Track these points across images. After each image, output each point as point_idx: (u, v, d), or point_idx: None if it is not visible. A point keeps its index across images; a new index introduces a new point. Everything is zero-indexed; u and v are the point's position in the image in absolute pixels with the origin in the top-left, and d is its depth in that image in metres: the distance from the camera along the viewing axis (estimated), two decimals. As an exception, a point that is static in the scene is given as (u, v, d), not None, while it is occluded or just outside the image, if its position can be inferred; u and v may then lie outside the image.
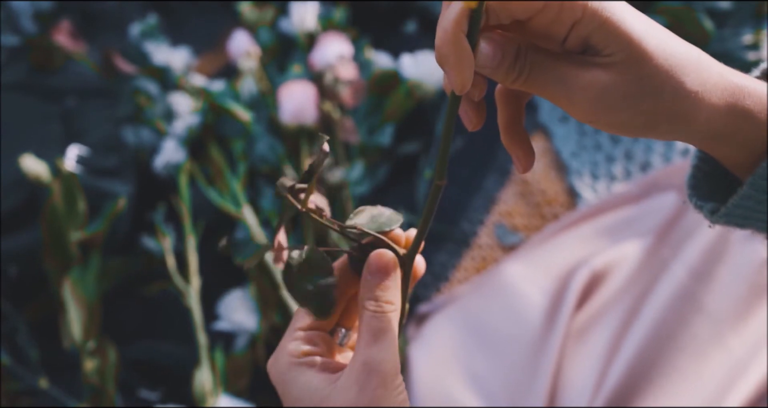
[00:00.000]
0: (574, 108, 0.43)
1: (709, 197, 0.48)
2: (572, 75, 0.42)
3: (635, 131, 0.44)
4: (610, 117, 0.43)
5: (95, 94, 1.29)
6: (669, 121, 0.43)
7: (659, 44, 0.42)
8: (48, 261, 1.07)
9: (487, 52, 0.43)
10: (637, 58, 0.41)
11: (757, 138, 0.44)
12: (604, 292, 0.94)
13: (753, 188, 0.44)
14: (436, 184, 0.45)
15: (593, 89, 0.42)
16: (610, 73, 0.42)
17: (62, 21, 1.36)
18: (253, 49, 1.24)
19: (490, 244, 1.10)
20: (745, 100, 0.43)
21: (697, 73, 0.43)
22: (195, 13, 1.43)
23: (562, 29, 0.42)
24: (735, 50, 1.18)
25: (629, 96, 0.42)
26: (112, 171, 1.20)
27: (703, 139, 0.45)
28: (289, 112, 1.13)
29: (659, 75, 0.42)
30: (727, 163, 0.47)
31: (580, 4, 0.41)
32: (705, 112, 0.43)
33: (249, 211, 1.09)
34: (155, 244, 1.12)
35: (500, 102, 0.48)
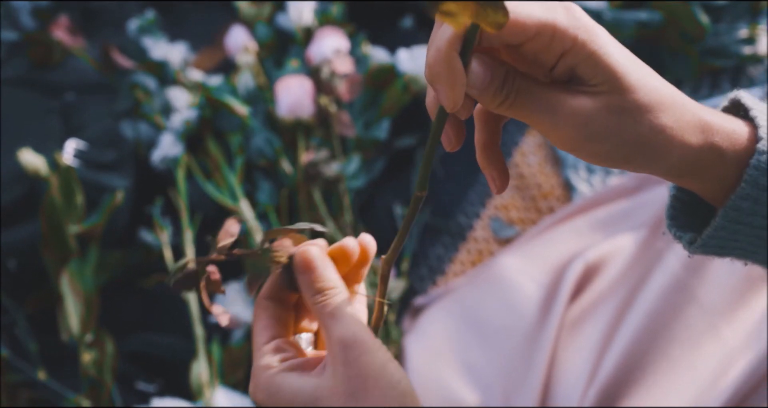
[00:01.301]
0: (557, 135, 0.44)
1: (688, 227, 0.50)
2: (558, 102, 0.43)
3: (614, 162, 0.45)
4: (592, 147, 0.44)
5: (94, 89, 1.29)
6: (645, 154, 0.44)
7: (641, 79, 0.44)
8: (47, 254, 1.08)
9: (477, 73, 0.43)
10: (621, 89, 0.43)
11: (726, 172, 0.46)
12: (599, 284, 0.94)
13: (725, 219, 0.46)
14: (416, 195, 0.46)
15: (578, 116, 0.43)
16: (595, 102, 0.43)
17: (61, 17, 1.36)
18: (250, 44, 1.25)
19: (486, 237, 1.11)
20: (714, 137, 0.45)
21: (673, 110, 0.44)
22: (193, 9, 1.44)
23: (551, 57, 0.43)
24: (731, 44, 1.18)
25: (611, 126, 0.43)
26: (110, 165, 1.20)
27: (675, 174, 0.46)
28: (286, 107, 1.13)
29: (640, 108, 0.43)
30: (702, 195, 0.48)
31: (571, 35, 0.42)
32: (678, 147, 0.44)
33: (246, 204, 1.10)
34: (153, 237, 1.13)
35: (479, 122, 0.49)
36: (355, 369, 0.45)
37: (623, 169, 0.47)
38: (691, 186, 0.47)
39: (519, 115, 0.45)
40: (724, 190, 0.46)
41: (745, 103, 0.47)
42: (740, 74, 1.20)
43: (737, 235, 0.46)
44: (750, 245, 0.47)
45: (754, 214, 0.45)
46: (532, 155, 1.16)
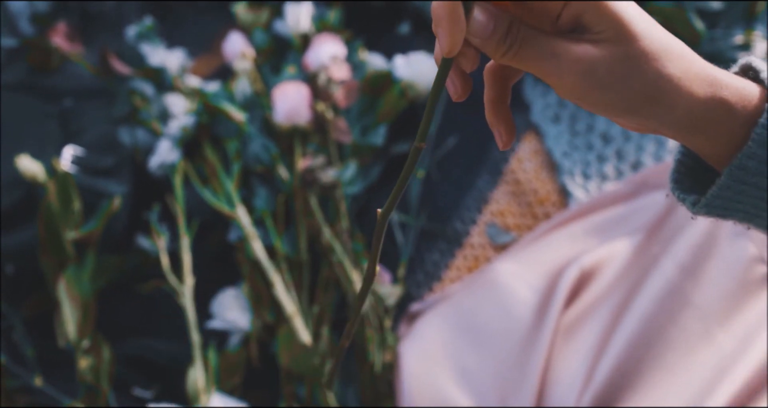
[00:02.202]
0: (562, 83, 0.44)
1: (692, 190, 0.49)
2: (563, 49, 0.44)
3: (620, 113, 0.45)
4: (597, 95, 0.44)
5: (92, 95, 1.30)
6: (651, 104, 0.44)
7: (646, 28, 0.44)
8: (44, 259, 1.08)
9: (480, 21, 0.44)
10: (626, 37, 0.43)
11: (734, 129, 0.45)
12: (594, 290, 0.94)
13: (731, 178, 0.45)
14: (415, 147, 0.45)
15: (582, 63, 0.43)
16: (600, 49, 0.43)
17: (59, 23, 1.37)
18: (247, 51, 1.25)
19: (482, 243, 1.11)
20: (723, 92, 0.45)
21: (680, 61, 0.44)
22: (191, 15, 1.44)
23: (555, 5, 0.44)
24: (726, 50, 1.19)
25: (617, 74, 0.43)
26: (108, 171, 1.21)
27: (682, 129, 0.46)
28: (282, 113, 1.14)
29: (645, 56, 0.43)
30: (705, 155, 0.47)
31: None
32: (686, 98, 0.44)
33: (243, 210, 1.10)
34: (150, 243, 1.13)
35: (488, 80, 0.49)
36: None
37: (630, 122, 0.46)
38: (698, 143, 0.47)
39: (523, 65, 0.45)
40: (731, 148, 0.46)
41: (755, 66, 0.47)
42: (736, 80, 1.20)
43: (742, 196, 0.46)
44: (753, 208, 0.47)
45: (760, 174, 0.45)
46: (528, 161, 1.16)
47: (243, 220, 1.09)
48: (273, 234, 1.08)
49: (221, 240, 1.15)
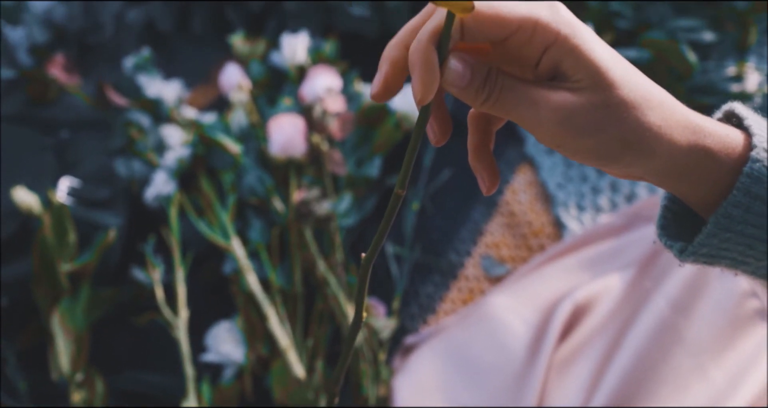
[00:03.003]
0: (541, 131, 0.44)
1: (678, 237, 0.49)
2: (541, 97, 0.43)
3: (599, 160, 0.45)
4: (576, 142, 0.44)
5: (89, 126, 1.31)
6: (631, 152, 0.44)
7: (625, 76, 0.44)
8: (38, 292, 1.08)
9: (456, 70, 0.43)
10: (604, 85, 0.43)
11: (718, 177, 0.45)
12: (587, 325, 0.94)
13: (716, 226, 0.45)
14: (395, 193, 0.45)
15: (561, 111, 0.43)
16: (578, 97, 0.43)
17: (57, 54, 1.38)
18: (244, 82, 1.26)
19: (477, 275, 1.11)
20: (706, 140, 0.45)
21: (661, 109, 0.44)
22: (188, 46, 1.45)
23: (534, 53, 0.44)
24: (718, 82, 1.19)
25: (595, 121, 0.43)
26: (103, 202, 1.21)
27: (664, 176, 0.46)
28: (278, 145, 1.14)
29: (624, 104, 0.43)
30: (690, 202, 0.47)
31: (553, 30, 0.42)
32: (667, 147, 0.44)
33: (237, 242, 1.10)
34: (145, 275, 1.13)
35: (471, 125, 0.49)
36: None
37: (612, 169, 0.46)
38: (682, 190, 0.46)
39: (503, 113, 0.45)
40: (716, 196, 0.46)
41: (739, 113, 0.47)
42: (729, 112, 1.21)
43: (728, 244, 0.46)
44: (740, 254, 0.46)
45: (745, 222, 0.45)
46: (523, 193, 1.16)
47: (238, 253, 1.09)
48: (268, 266, 1.09)
49: (216, 272, 1.15)
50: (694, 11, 1.27)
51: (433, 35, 0.42)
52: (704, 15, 1.26)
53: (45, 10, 1.44)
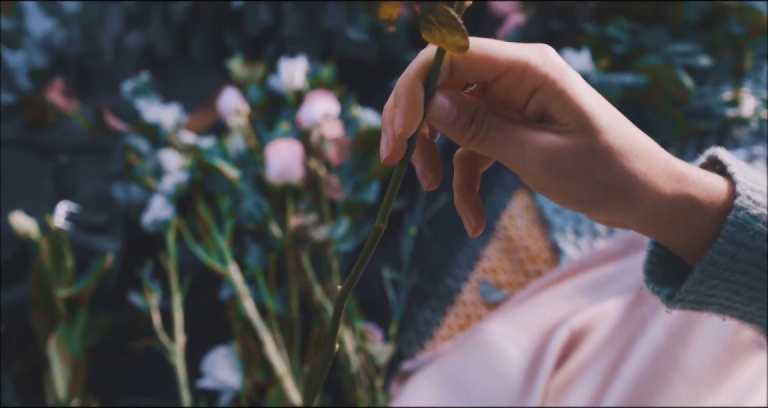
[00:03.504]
0: (526, 172, 0.44)
1: (665, 282, 0.49)
2: (528, 137, 0.44)
3: (583, 204, 0.45)
4: (560, 185, 0.44)
5: (87, 151, 1.31)
6: (616, 198, 0.44)
7: (612, 122, 0.44)
8: (35, 317, 1.08)
9: (444, 106, 0.44)
10: (591, 130, 0.43)
11: (702, 225, 0.45)
12: (584, 352, 0.94)
13: (703, 274, 0.45)
14: (375, 227, 0.45)
15: (547, 153, 0.43)
16: (564, 140, 0.43)
17: (56, 79, 1.38)
18: (242, 107, 1.27)
19: (474, 301, 1.11)
20: (690, 188, 0.45)
21: (646, 156, 0.44)
22: (187, 71, 1.46)
23: (523, 95, 0.44)
24: (715, 107, 1.20)
25: (581, 165, 0.43)
26: (101, 227, 1.21)
27: (648, 224, 0.46)
28: (275, 170, 1.14)
29: (610, 150, 0.43)
30: (675, 249, 0.48)
31: (542, 73, 0.43)
32: (651, 194, 0.44)
33: (235, 268, 1.10)
34: (142, 300, 1.13)
35: (457, 166, 0.49)
36: None
37: (595, 215, 0.46)
38: (666, 238, 0.46)
39: (489, 152, 0.45)
40: (701, 243, 0.46)
41: (722, 160, 0.47)
42: (725, 136, 1.21)
43: (715, 290, 0.46)
44: (727, 300, 0.46)
45: (731, 269, 0.45)
46: (520, 218, 1.16)
47: (235, 278, 1.09)
48: (265, 292, 1.08)
49: (213, 298, 1.15)
50: (690, 36, 1.27)
51: (421, 70, 0.43)
52: (700, 40, 1.27)
53: (45, 34, 1.45)
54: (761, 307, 0.46)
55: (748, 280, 0.45)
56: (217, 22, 1.46)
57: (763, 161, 1.17)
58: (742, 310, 0.47)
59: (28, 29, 1.45)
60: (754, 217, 0.44)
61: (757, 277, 0.45)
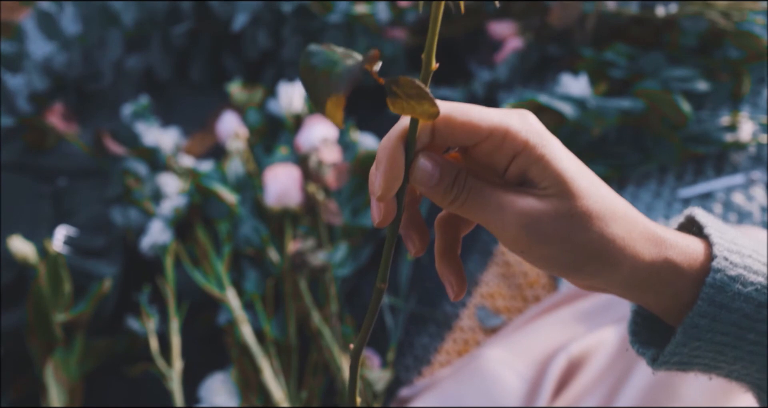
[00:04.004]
0: (506, 235, 0.45)
1: (650, 343, 0.49)
2: (507, 201, 0.44)
3: (562, 269, 0.45)
4: (539, 249, 0.44)
5: (86, 174, 1.31)
6: (595, 262, 0.44)
7: (590, 186, 0.44)
8: (32, 342, 1.08)
9: (425, 169, 0.44)
10: (570, 195, 0.44)
11: (681, 288, 0.46)
12: (582, 380, 0.94)
13: (685, 336, 0.45)
14: (377, 288, 0.46)
15: (526, 216, 0.44)
16: (544, 204, 0.44)
17: (56, 103, 1.39)
18: (241, 130, 1.27)
19: (472, 326, 1.11)
20: (668, 251, 0.45)
21: (625, 221, 0.45)
22: (186, 94, 1.46)
23: (503, 159, 0.44)
24: (713, 131, 1.20)
25: (560, 230, 0.44)
26: (99, 251, 1.21)
27: (628, 288, 0.46)
28: (273, 195, 1.15)
29: (588, 214, 0.44)
30: (655, 311, 0.48)
31: (522, 138, 0.43)
32: (630, 259, 0.45)
33: (232, 293, 1.10)
34: (139, 325, 1.13)
35: (438, 230, 0.49)
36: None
37: (575, 279, 0.46)
38: (647, 301, 0.47)
39: (470, 215, 0.45)
40: (681, 306, 0.46)
41: (699, 221, 0.48)
42: (723, 161, 1.21)
43: (698, 351, 0.46)
44: (712, 360, 0.47)
45: (713, 330, 0.45)
46: (518, 243, 1.16)
47: (232, 303, 1.09)
48: (262, 318, 1.08)
49: (210, 323, 1.15)
50: (687, 61, 1.28)
51: (402, 134, 0.43)
52: (698, 65, 1.28)
53: (45, 57, 1.45)
54: (746, 365, 0.47)
55: (731, 340, 0.45)
56: (217, 46, 1.47)
57: (762, 186, 1.17)
58: (728, 369, 0.47)
59: (28, 52, 1.46)
60: (732, 278, 0.45)
61: (740, 337, 0.45)
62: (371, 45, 1.35)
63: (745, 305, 0.45)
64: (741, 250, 0.46)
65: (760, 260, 0.46)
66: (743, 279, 0.45)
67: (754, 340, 0.46)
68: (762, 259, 0.46)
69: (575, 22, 1.32)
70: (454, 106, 0.44)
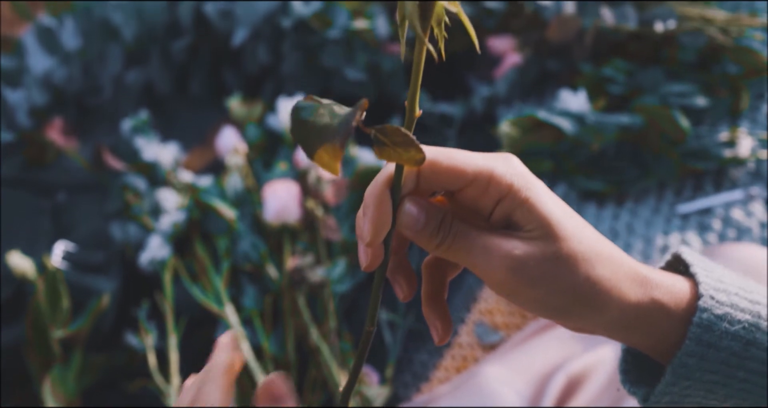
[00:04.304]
0: (492, 278, 0.45)
1: (640, 381, 0.50)
2: (493, 244, 0.44)
3: (550, 311, 0.45)
4: (526, 292, 0.44)
5: (85, 189, 1.31)
6: (581, 305, 0.45)
7: (575, 228, 0.45)
8: (30, 358, 1.08)
9: (411, 213, 0.44)
10: (555, 237, 0.44)
11: (669, 328, 0.46)
12: (581, 398, 0.94)
13: (675, 376, 0.46)
14: (366, 331, 0.46)
15: (512, 260, 0.44)
16: (529, 247, 0.44)
17: (56, 118, 1.39)
18: (240, 146, 1.27)
19: (471, 343, 1.11)
20: (654, 292, 0.46)
21: (609, 261, 0.45)
22: (186, 109, 1.47)
23: (488, 203, 0.45)
24: (711, 147, 1.20)
25: (545, 273, 0.44)
26: (98, 267, 1.21)
27: (615, 329, 0.46)
28: (272, 211, 1.15)
29: (574, 257, 0.44)
30: (644, 351, 0.48)
31: (507, 182, 0.44)
32: (617, 300, 0.45)
33: (231, 309, 1.10)
34: (138, 341, 1.12)
35: (425, 274, 0.50)
36: None
37: (562, 321, 0.46)
38: (635, 341, 0.47)
39: (456, 258, 0.46)
40: (669, 345, 0.46)
41: (685, 259, 0.48)
42: (722, 177, 1.21)
43: (689, 391, 0.46)
44: (703, 399, 0.47)
45: (702, 369, 0.45)
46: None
47: (231, 319, 1.09)
48: (261, 334, 1.08)
49: (209, 338, 1.14)
50: (686, 77, 1.28)
51: (388, 179, 0.44)
52: (696, 80, 1.28)
53: (45, 72, 1.46)
54: (738, 402, 0.47)
55: (721, 379, 0.46)
56: (216, 61, 1.47)
57: (761, 202, 1.17)
58: (720, 406, 0.47)
59: (28, 67, 1.46)
60: (718, 316, 0.45)
61: (729, 375, 0.45)
62: (371, 60, 1.36)
63: (733, 343, 0.45)
64: (727, 288, 0.46)
65: (747, 297, 0.46)
66: (730, 317, 0.45)
67: (744, 377, 0.46)
68: (749, 297, 0.47)
69: (574, 37, 1.33)
70: (439, 152, 0.44)
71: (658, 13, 1.33)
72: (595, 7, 1.34)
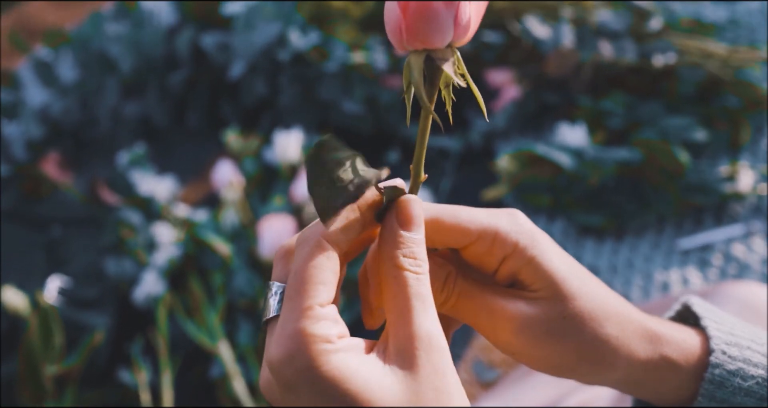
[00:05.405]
0: (497, 339, 0.44)
1: None
2: (498, 305, 0.43)
3: (558, 370, 0.44)
4: (532, 352, 0.43)
5: (80, 223, 1.30)
6: (590, 364, 0.44)
7: (582, 286, 0.43)
8: (23, 395, 1.06)
9: None
10: (561, 297, 0.43)
11: (679, 383, 0.45)
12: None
13: None
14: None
15: (517, 321, 0.43)
16: (535, 308, 0.43)
17: (52, 151, 1.39)
18: (236, 179, 1.26)
19: (468, 380, 1.09)
20: (664, 348, 0.45)
21: (617, 318, 0.44)
22: (182, 141, 1.46)
23: (493, 261, 0.44)
24: (711, 181, 1.19)
25: (551, 333, 0.43)
26: (92, 302, 1.20)
27: (624, 385, 0.45)
28: (268, 246, 1.14)
29: (581, 316, 0.43)
30: (656, 404, 0.47)
31: (512, 240, 0.43)
32: (624, 358, 0.44)
33: (225, 345, 1.09)
34: (131, 377, 1.11)
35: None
36: (438, 374, 0.37)
37: (568, 378, 0.45)
38: (645, 395, 0.46)
39: (460, 316, 0.45)
40: (680, 400, 0.45)
41: (695, 311, 0.47)
42: (722, 211, 1.20)
43: None
44: None
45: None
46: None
47: (225, 356, 1.07)
48: (255, 371, 1.07)
49: (203, 375, 1.13)
50: (685, 110, 1.28)
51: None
52: (696, 113, 1.27)
53: (42, 105, 1.46)
54: None
55: None
56: (214, 94, 1.47)
57: (762, 237, 1.16)
58: None
59: (25, 100, 1.46)
60: (730, 372, 0.44)
61: None
62: (368, 93, 1.35)
63: (747, 399, 0.44)
64: (739, 341, 0.45)
65: (760, 351, 0.45)
66: (743, 373, 0.44)
67: None
68: (761, 349, 0.45)
69: (572, 71, 1.32)
70: (443, 209, 0.43)
71: (657, 46, 1.32)
72: (594, 41, 1.34)
